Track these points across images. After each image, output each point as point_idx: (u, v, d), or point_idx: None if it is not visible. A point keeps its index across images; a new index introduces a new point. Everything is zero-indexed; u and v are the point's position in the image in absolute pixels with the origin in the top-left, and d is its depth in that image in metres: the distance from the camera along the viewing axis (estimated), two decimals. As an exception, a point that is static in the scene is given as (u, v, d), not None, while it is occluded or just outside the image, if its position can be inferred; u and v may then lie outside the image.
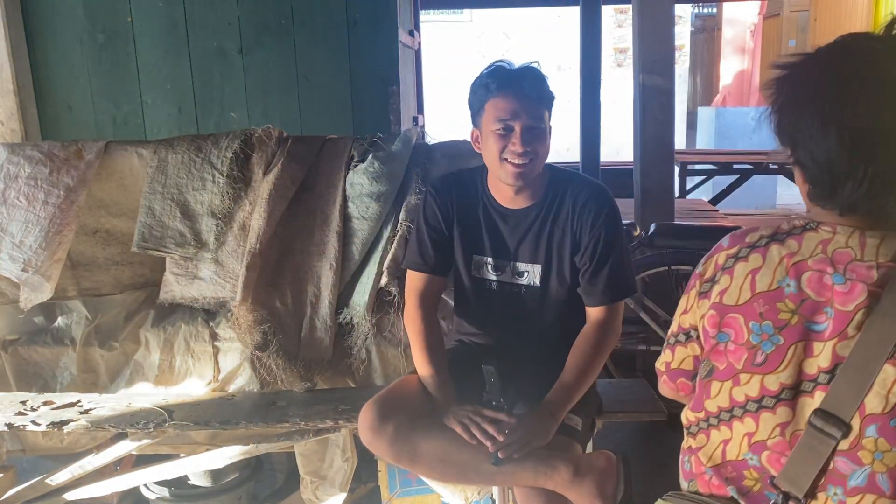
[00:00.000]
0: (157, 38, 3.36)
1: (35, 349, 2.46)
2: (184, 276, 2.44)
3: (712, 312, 1.26)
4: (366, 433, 1.76)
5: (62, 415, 2.16)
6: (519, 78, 1.84)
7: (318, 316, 2.36)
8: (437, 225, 2.01)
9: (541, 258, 1.94)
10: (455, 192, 2.01)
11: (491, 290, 2.00)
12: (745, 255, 1.25)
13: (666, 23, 3.74)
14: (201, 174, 2.48)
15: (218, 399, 2.29)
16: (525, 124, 1.81)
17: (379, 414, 1.75)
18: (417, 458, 1.76)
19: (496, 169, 1.88)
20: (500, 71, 1.87)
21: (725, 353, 1.25)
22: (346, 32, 3.37)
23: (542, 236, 1.93)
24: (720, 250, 1.30)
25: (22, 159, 2.46)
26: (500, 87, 1.82)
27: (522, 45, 11.67)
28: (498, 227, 1.97)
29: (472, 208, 1.99)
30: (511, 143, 1.82)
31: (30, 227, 2.38)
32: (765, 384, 1.20)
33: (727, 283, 1.25)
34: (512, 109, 1.81)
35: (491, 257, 1.98)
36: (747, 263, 1.24)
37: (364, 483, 2.63)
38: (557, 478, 1.70)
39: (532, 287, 1.96)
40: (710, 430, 1.33)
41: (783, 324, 1.19)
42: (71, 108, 3.43)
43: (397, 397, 1.84)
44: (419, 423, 1.77)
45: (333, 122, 3.41)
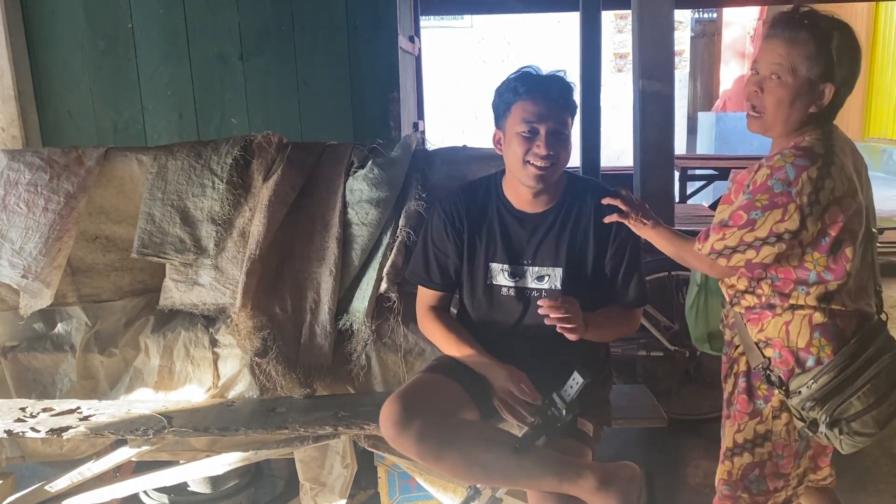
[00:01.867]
0: (157, 44, 3.36)
1: (34, 355, 2.46)
2: (183, 283, 2.44)
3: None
4: (390, 429, 1.75)
5: (61, 421, 2.16)
6: (548, 83, 1.88)
7: (318, 322, 2.36)
8: (444, 245, 2.04)
9: (562, 261, 1.95)
10: (464, 205, 2.03)
11: (507, 297, 2.00)
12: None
13: (666, 28, 3.75)
14: (201, 180, 2.48)
15: (217, 405, 2.29)
16: (550, 128, 1.85)
17: (404, 409, 1.75)
18: (442, 456, 1.75)
19: (518, 170, 1.90)
20: (529, 75, 1.90)
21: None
22: (346, 38, 3.37)
23: (563, 239, 1.95)
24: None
25: (22, 165, 2.46)
26: (529, 91, 1.87)
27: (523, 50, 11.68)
28: (515, 232, 1.99)
29: (487, 216, 2.01)
30: (535, 146, 1.85)
31: (30, 233, 2.38)
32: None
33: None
34: (539, 112, 1.85)
35: (507, 264, 1.99)
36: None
37: (364, 489, 2.62)
38: (584, 484, 1.69)
39: (553, 291, 1.97)
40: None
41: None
42: (71, 114, 3.43)
43: (421, 394, 1.84)
44: (445, 422, 1.77)
45: (334, 127, 3.42)
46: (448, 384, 1.92)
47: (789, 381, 1.74)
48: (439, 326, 2.05)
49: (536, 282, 1.97)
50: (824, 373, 1.69)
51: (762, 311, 1.77)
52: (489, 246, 2.00)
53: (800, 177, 1.62)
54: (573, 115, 1.92)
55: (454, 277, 2.07)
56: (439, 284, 2.08)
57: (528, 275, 1.98)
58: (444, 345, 2.04)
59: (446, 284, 2.08)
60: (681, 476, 2.97)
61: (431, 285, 2.09)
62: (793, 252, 1.69)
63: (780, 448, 1.82)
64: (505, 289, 2.00)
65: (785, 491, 1.87)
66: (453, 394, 1.90)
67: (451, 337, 2.01)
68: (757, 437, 1.83)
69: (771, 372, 1.76)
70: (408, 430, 1.72)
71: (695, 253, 1.77)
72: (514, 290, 1.99)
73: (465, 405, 1.90)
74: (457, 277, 2.07)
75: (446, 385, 1.91)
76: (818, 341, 1.71)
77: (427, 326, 2.10)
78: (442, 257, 2.05)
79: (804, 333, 1.72)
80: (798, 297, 1.72)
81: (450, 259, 2.04)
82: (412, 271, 2.13)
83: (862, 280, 1.78)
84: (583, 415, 1.87)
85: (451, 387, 1.91)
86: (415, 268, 2.12)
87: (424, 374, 1.98)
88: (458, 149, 2.67)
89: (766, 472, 1.83)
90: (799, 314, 1.73)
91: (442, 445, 1.73)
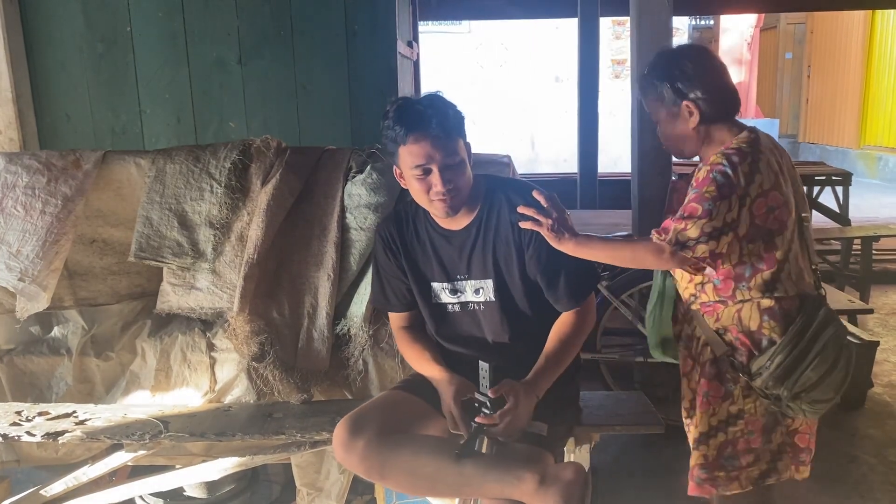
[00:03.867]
0: (156, 47, 3.36)
1: (31, 359, 2.45)
2: (181, 287, 2.43)
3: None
4: (337, 449, 1.80)
5: (57, 425, 2.15)
6: (425, 119, 1.81)
7: (316, 327, 2.35)
8: (390, 268, 2.06)
9: (490, 272, 1.96)
10: (396, 230, 2.04)
11: (453, 313, 2.02)
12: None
13: (664, 35, 3.75)
14: (199, 184, 2.47)
15: (214, 410, 2.28)
16: (441, 164, 1.83)
17: (349, 430, 1.79)
18: (386, 472, 1.78)
19: (427, 206, 1.92)
20: (404, 115, 1.83)
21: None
22: (345, 43, 3.37)
23: (488, 250, 1.95)
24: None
25: (20, 168, 2.46)
26: (409, 132, 1.82)
27: (520, 56, 11.70)
28: (446, 250, 1.99)
29: (418, 239, 2.02)
30: (433, 185, 1.84)
31: (27, 236, 2.38)
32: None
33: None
34: (425, 154, 1.82)
35: (447, 282, 2.00)
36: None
37: (360, 495, 2.62)
38: (524, 487, 1.70)
39: (490, 303, 1.98)
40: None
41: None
42: (69, 116, 3.42)
43: (370, 413, 1.86)
44: (388, 438, 1.79)
45: (332, 132, 3.41)
46: (409, 400, 1.95)
47: (750, 363, 1.90)
48: (411, 346, 2.07)
49: (474, 295, 1.99)
50: (778, 353, 1.86)
51: (715, 304, 1.94)
52: (426, 267, 2.02)
53: (736, 171, 1.82)
54: (462, 133, 1.87)
55: (409, 296, 2.08)
56: (398, 305, 2.10)
57: (467, 289, 1.99)
58: (412, 362, 2.07)
59: (405, 304, 2.09)
60: (677, 483, 2.96)
61: (392, 308, 2.11)
62: (733, 246, 1.84)
63: (750, 425, 1.97)
64: (450, 306, 2.02)
65: (758, 466, 2.00)
66: (413, 409, 1.92)
67: (415, 354, 2.04)
68: (730, 417, 1.97)
69: (734, 358, 1.92)
70: (352, 450, 1.77)
71: (651, 249, 1.85)
72: (458, 305, 2.01)
73: (428, 420, 1.92)
74: (412, 295, 2.07)
75: (406, 401, 1.94)
76: (768, 324, 1.89)
77: (401, 347, 2.13)
78: (393, 280, 2.07)
79: (755, 318, 1.90)
80: (742, 293, 1.89)
81: (400, 280, 2.06)
82: (375, 299, 2.15)
83: (799, 264, 1.93)
84: (534, 417, 1.85)
85: (413, 402, 1.94)
86: (375, 294, 2.14)
87: (385, 393, 2.03)
88: (456, 154, 2.67)
89: (738, 448, 1.98)
90: (748, 304, 1.90)
91: (384, 463, 1.77)
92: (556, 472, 1.73)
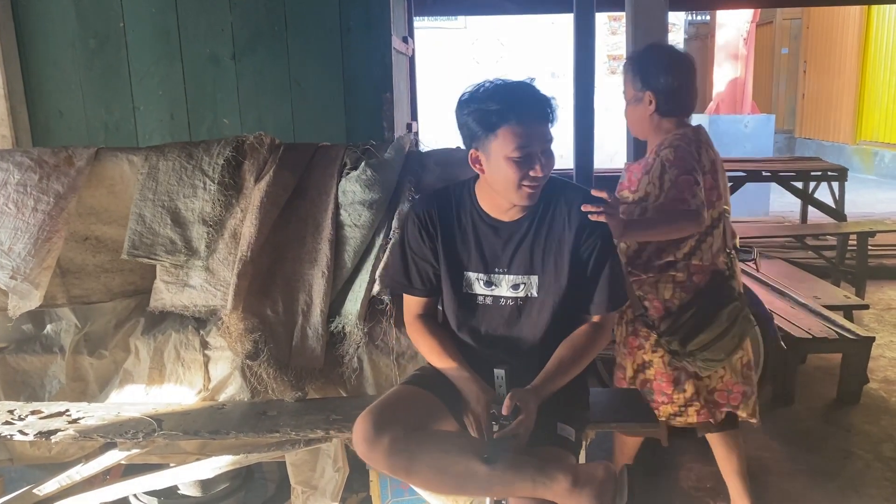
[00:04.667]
0: (149, 43, 3.34)
1: (23, 357, 2.44)
2: (174, 284, 2.42)
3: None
4: (361, 445, 1.75)
5: (50, 424, 2.13)
6: (533, 102, 1.80)
7: (310, 324, 2.34)
8: (421, 250, 2.00)
9: (537, 269, 1.93)
10: (438, 211, 1.98)
11: (483, 305, 1.98)
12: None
13: (660, 30, 3.75)
14: (192, 181, 2.46)
15: (208, 408, 2.27)
16: (544, 149, 1.82)
17: (375, 425, 1.74)
18: (414, 469, 1.74)
19: (510, 193, 1.85)
20: (509, 94, 1.79)
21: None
22: (339, 39, 3.35)
23: (538, 246, 1.92)
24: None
25: (11, 165, 2.44)
26: (516, 113, 1.77)
27: (516, 52, 11.68)
28: (489, 241, 1.95)
29: (459, 224, 1.97)
30: (532, 170, 1.80)
31: (19, 234, 2.36)
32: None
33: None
34: (531, 135, 1.79)
35: (483, 273, 1.96)
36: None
37: (356, 493, 2.61)
38: (556, 487, 1.68)
39: (530, 299, 1.94)
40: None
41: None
42: (62, 113, 3.40)
43: (392, 408, 1.82)
44: (415, 435, 1.75)
45: (326, 128, 3.40)
46: (424, 396, 1.91)
47: (660, 324, 2.37)
48: (425, 336, 2.02)
49: (511, 290, 1.95)
50: (681, 314, 2.33)
51: (639, 274, 2.39)
52: (464, 254, 1.97)
53: (691, 152, 2.26)
54: (554, 124, 1.87)
55: (435, 282, 2.02)
56: (421, 290, 2.03)
57: (503, 283, 1.95)
58: (429, 355, 2.02)
59: (428, 289, 2.03)
60: (673, 479, 2.97)
61: (414, 291, 2.04)
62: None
63: (658, 374, 2.45)
64: (481, 297, 1.97)
65: (671, 406, 2.46)
66: (429, 405, 1.89)
67: (434, 347, 1.98)
68: (644, 364, 2.47)
69: (647, 317, 2.40)
70: (377, 446, 1.72)
71: (692, 217, 2.18)
72: (489, 298, 1.97)
73: (441, 416, 1.89)
74: (438, 282, 2.02)
75: (422, 397, 1.90)
76: (679, 294, 2.37)
77: (414, 335, 2.07)
78: (421, 262, 2.00)
79: (668, 288, 2.38)
80: (673, 254, 2.34)
81: (428, 263, 2.00)
82: (393, 280, 2.10)
83: (716, 244, 2.37)
84: (564, 420, 1.86)
85: (427, 398, 1.90)
86: (395, 275, 2.08)
87: (400, 387, 1.97)
88: (451, 150, 2.65)
89: (653, 388, 2.47)
90: (667, 275, 2.36)
91: (412, 459, 1.73)
92: (588, 472, 1.72)
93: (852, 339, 3.61)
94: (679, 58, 2.39)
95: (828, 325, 3.76)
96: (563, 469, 1.71)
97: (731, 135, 9.01)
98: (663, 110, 2.35)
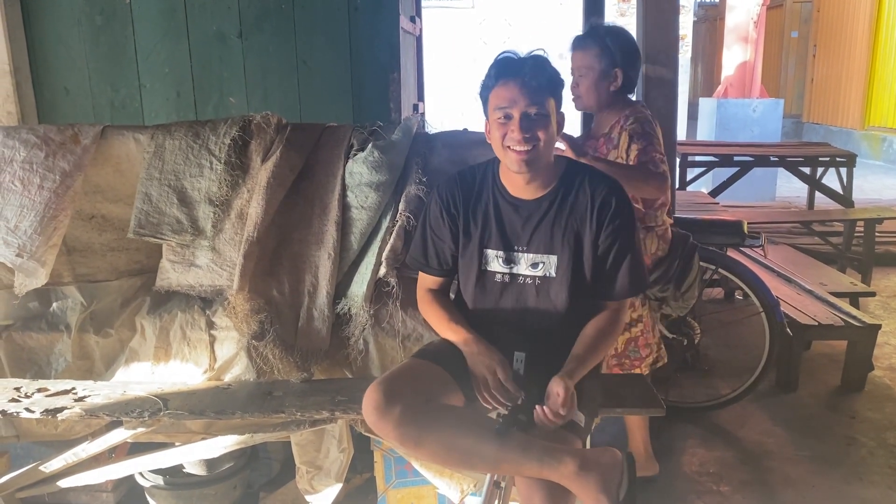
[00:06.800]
0: (155, 20, 3.32)
1: (29, 335, 2.44)
2: (180, 264, 2.42)
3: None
4: (371, 414, 1.74)
5: (56, 402, 2.14)
6: (519, 65, 1.86)
7: (316, 306, 2.34)
8: (440, 230, 2.03)
9: (556, 248, 1.94)
10: (461, 191, 2.01)
11: (501, 283, 1.98)
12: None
13: (670, 12, 3.70)
14: (199, 160, 2.45)
15: (213, 388, 2.27)
16: (523, 111, 1.84)
17: (386, 395, 1.74)
18: (422, 442, 1.74)
19: (502, 157, 1.91)
20: (501, 61, 1.90)
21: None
22: (346, 18, 3.33)
23: (559, 226, 1.93)
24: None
25: (17, 143, 2.43)
26: (499, 76, 1.87)
27: (524, 32, 11.60)
28: (510, 218, 1.97)
29: (482, 202, 2.00)
30: (510, 131, 1.85)
31: (25, 211, 2.36)
32: None
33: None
34: (510, 97, 1.85)
35: (502, 250, 1.97)
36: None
37: (360, 473, 2.63)
38: (564, 469, 1.68)
39: (548, 278, 1.95)
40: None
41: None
42: (68, 90, 3.39)
43: (404, 380, 1.82)
44: (425, 408, 1.76)
45: (333, 108, 3.38)
46: (433, 369, 1.91)
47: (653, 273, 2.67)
48: (435, 307, 2.05)
49: (531, 269, 1.96)
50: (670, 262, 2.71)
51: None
52: (484, 232, 1.98)
53: (653, 125, 2.52)
54: (554, 94, 1.89)
55: (451, 263, 2.06)
56: (437, 269, 2.08)
57: (522, 261, 1.96)
58: (437, 325, 2.05)
59: (444, 270, 2.08)
60: (676, 464, 2.97)
61: (429, 270, 2.09)
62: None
63: (646, 327, 2.69)
64: (499, 275, 1.98)
65: (651, 356, 2.72)
66: (438, 379, 1.89)
67: (443, 318, 2.02)
68: (632, 321, 2.65)
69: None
70: (388, 416, 1.72)
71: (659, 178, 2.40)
72: (507, 276, 1.97)
73: (449, 390, 1.89)
74: (454, 263, 2.06)
75: (431, 370, 1.90)
76: (661, 247, 2.71)
77: (424, 307, 2.10)
78: (439, 243, 2.04)
79: (653, 241, 2.69)
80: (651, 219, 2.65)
81: (446, 244, 2.03)
82: (412, 256, 2.13)
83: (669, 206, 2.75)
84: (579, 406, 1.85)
85: (436, 372, 1.90)
86: (414, 253, 2.12)
87: (410, 360, 1.97)
88: (459, 133, 2.64)
89: (639, 344, 2.68)
90: (652, 233, 2.67)
91: (422, 431, 1.73)
92: (595, 457, 1.73)
93: (858, 326, 3.60)
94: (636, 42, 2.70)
95: (834, 311, 3.74)
96: (571, 452, 1.71)
97: (740, 119, 8.94)
98: (625, 87, 2.59)
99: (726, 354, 4.00)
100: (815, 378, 3.76)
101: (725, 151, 6.71)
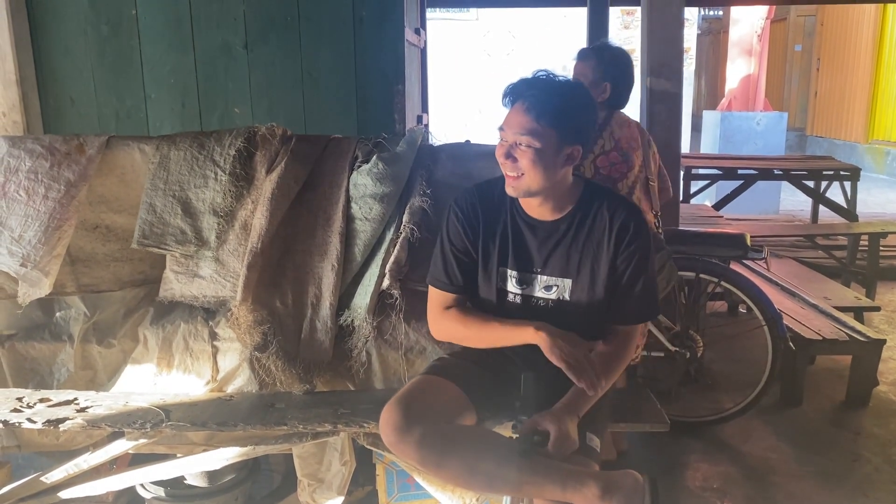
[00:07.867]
0: (161, 31, 3.33)
1: (32, 345, 2.44)
2: (184, 274, 2.42)
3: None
4: (391, 435, 1.71)
5: (58, 412, 2.14)
6: (522, 89, 1.80)
7: (319, 317, 2.34)
8: (462, 244, 1.97)
9: (572, 272, 1.91)
10: (480, 204, 1.96)
11: (512, 303, 1.96)
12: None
13: (675, 26, 3.71)
14: (203, 171, 2.45)
15: (216, 400, 2.27)
16: (510, 137, 1.80)
17: (405, 415, 1.71)
18: (444, 464, 1.71)
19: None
20: (519, 80, 1.84)
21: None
22: (352, 30, 3.33)
23: (575, 249, 1.90)
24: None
25: (23, 152, 2.44)
26: (505, 94, 1.84)
27: (528, 45, 11.64)
28: (527, 239, 1.93)
29: (500, 219, 1.95)
30: (500, 155, 1.83)
31: (29, 221, 2.36)
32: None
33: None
34: (507, 119, 1.82)
35: (516, 270, 1.94)
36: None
37: (362, 486, 2.61)
38: (587, 492, 1.66)
39: (561, 301, 1.92)
40: None
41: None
42: (73, 100, 3.40)
43: (422, 399, 1.79)
44: (446, 429, 1.74)
45: (338, 119, 3.38)
46: (447, 386, 1.88)
47: None
48: (460, 317, 1.97)
49: (544, 291, 1.93)
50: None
51: None
52: (501, 250, 1.94)
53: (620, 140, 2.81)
54: (558, 126, 1.76)
55: (472, 279, 1.99)
56: (461, 287, 1.99)
57: (536, 283, 1.93)
58: (470, 331, 1.96)
59: (466, 286, 2.00)
60: (679, 479, 2.95)
61: (453, 289, 2.00)
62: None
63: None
64: (511, 295, 1.95)
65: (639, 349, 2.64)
66: (453, 397, 1.86)
67: (483, 322, 1.93)
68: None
69: None
70: (409, 437, 1.69)
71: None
72: (520, 297, 1.94)
73: (464, 408, 1.87)
74: (474, 278, 1.99)
75: (445, 387, 1.87)
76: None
77: (445, 324, 2.01)
78: (461, 257, 1.97)
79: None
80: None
81: (468, 258, 1.97)
82: (433, 276, 2.03)
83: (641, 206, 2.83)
84: (593, 430, 1.83)
85: (450, 389, 1.87)
86: (435, 272, 2.02)
87: (424, 377, 1.93)
88: (463, 145, 2.64)
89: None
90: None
91: (444, 453, 1.70)
92: (618, 481, 1.70)
93: (863, 341, 3.58)
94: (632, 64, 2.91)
95: (838, 326, 3.73)
96: (594, 476, 1.69)
97: (744, 132, 8.96)
98: (612, 100, 2.83)
99: (730, 368, 3.98)
100: (819, 393, 3.74)
101: (729, 164, 6.72)
